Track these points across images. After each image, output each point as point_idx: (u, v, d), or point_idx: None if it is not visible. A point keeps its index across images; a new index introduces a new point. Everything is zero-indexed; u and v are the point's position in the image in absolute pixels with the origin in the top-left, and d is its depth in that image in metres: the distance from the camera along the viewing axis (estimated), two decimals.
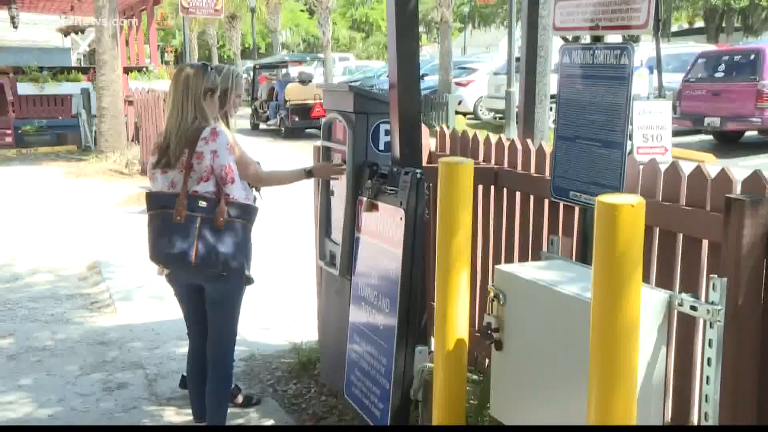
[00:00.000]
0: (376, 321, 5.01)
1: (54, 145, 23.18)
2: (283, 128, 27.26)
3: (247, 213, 4.89)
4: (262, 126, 29.88)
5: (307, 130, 27.48)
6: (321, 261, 5.95)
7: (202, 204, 4.72)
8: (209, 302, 5.03)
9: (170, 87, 4.94)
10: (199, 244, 4.68)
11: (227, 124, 5.15)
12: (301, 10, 70.26)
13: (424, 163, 5.44)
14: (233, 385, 5.67)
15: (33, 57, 25.50)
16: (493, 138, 5.65)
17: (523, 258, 5.24)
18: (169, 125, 4.85)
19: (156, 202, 4.80)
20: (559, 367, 3.59)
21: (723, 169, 3.70)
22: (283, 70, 30.96)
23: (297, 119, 26.80)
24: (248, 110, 31.52)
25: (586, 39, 4.45)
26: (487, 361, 5.33)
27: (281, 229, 11.00)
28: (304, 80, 27.51)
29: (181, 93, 4.83)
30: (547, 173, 4.90)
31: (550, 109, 7.46)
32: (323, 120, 5.88)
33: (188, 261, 4.70)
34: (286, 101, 27.03)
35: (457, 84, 30.88)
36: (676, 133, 16.49)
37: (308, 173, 5.43)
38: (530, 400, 3.84)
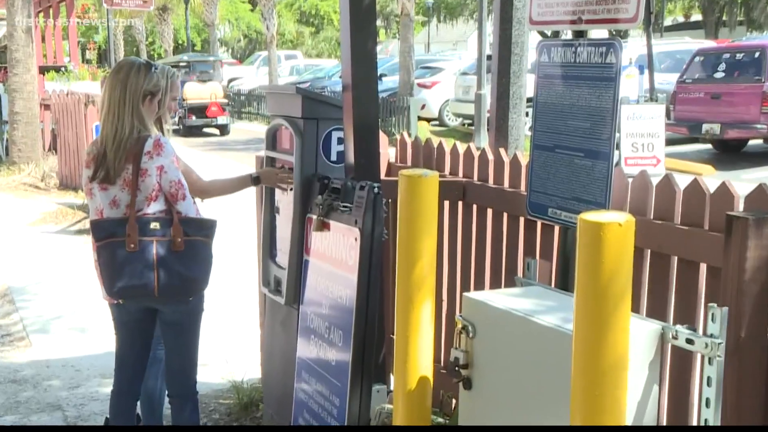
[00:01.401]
0: (328, 356, 4.98)
1: None
2: (181, 126, 30.48)
3: (206, 228, 4.92)
4: None
5: (205, 129, 31.89)
6: (264, 287, 5.92)
7: (155, 226, 4.71)
8: (167, 325, 5.02)
9: (106, 87, 4.89)
10: (160, 272, 4.69)
11: (161, 131, 5.12)
12: (242, 2, 70.43)
13: (383, 176, 5.44)
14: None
15: None
16: (461, 147, 5.65)
17: (495, 284, 5.24)
18: (105, 132, 4.80)
19: (102, 232, 4.76)
20: (537, 409, 3.58)
21: (723, 183, 3.71)
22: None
23: (194, 118, 30.85)
24: None
25: (567, 34, 4.46)
26: (454, 401, 5.32)
27: (219, 250, 10.89)
28: (204, 80, 31.67)
29: (119, 95, 4.78)
30: (523, 187, 4.91)
31: (526, 114, 7.49)
32: (267, 127, 5.85)
33: (149, 291, 4.70)
34: (184, 100, 29.95)
35: (420, 86, 31.05)
36: (669, 142, 16.66)
37: (254, 180, 5.43)
38: None
